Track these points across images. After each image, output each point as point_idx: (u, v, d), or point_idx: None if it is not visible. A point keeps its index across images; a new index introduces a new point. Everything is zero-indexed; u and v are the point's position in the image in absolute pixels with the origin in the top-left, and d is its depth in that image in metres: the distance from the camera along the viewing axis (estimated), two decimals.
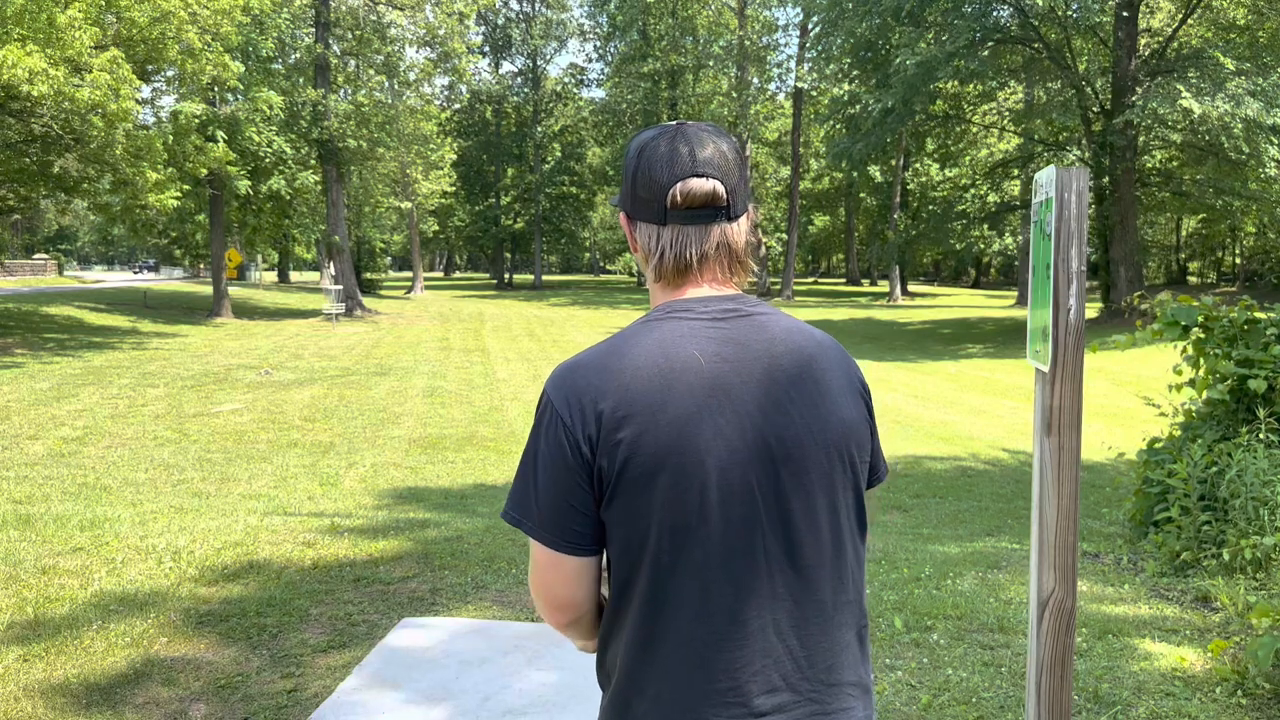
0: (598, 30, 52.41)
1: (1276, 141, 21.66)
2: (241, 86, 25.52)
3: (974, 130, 34.61)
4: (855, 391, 1.31)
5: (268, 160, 28.05)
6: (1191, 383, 5.41)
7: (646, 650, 1.22)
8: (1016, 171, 33.82)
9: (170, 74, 23.62)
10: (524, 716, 3.06)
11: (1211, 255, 54.18)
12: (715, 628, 1.20)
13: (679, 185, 1.26)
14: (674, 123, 1.33)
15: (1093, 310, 25.52)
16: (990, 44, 24.41)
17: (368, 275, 43.11)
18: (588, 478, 1.20)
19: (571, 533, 1.22)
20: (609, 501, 1.20)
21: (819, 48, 30.02)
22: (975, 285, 60.76)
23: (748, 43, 43.12)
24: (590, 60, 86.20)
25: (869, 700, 1.30)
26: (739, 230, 1.31)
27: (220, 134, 25.43)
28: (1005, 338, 25.31)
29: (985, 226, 35.33)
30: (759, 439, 1.20)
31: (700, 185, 1.26)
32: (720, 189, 1.27)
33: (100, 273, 76.03)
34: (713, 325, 1.24)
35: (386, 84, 33.64)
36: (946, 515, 7.17)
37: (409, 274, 62.93)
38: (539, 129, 54.37)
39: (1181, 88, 20.79)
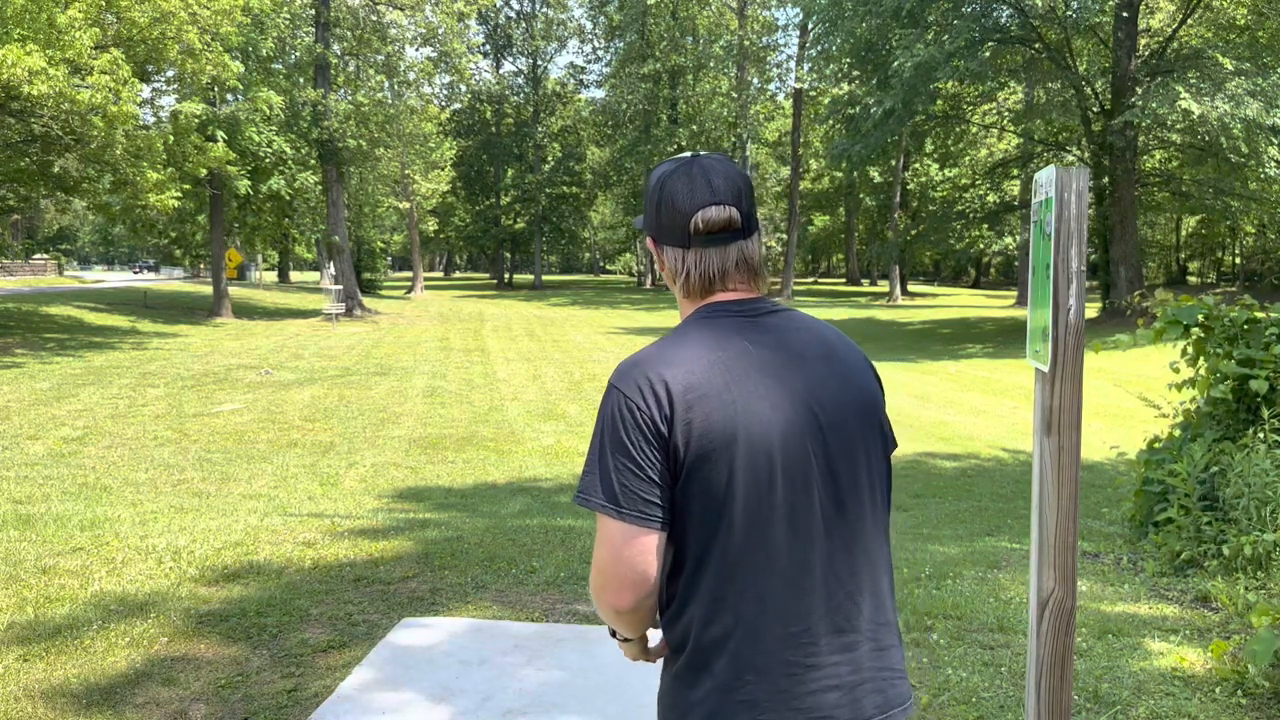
0: (598, 30, 52.43)
1: (1276, 141, 21.65)
2: (241, 86, 25.52)
3: (974, 130, 34.59)
4: (870, 369, 1.52)
5: (268, 160, 28.04)
6: (1191, 382, 5.40)
7: (725, 608, 1.34)
8: (1016, 171, 33.81)
9: (170, 74, 23.63)
10: (524, 716, 3.06)
11: (1211, 255, 54.18)
12: (790, 579, 1.34)
13: (700, 214, 1.43)
14: (689, 154, 1.48)
15: (1093, 310, 25.51)
16: (990, 44, 24.39)
17: (367, 275, 43.10)
18: (664, 455, 1.32)
19: (652, 507, 1.32)
20: (685, 475, 1.32)
21: (819, 48, 30.00)
22: (975, 285, 60.75)
23: (748, 43, 43.15)
24: (590, 60, 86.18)
25: (900, 638, 1.49)
26: (754, 245, 1.48)
27: (220, 134, 25.42)
28: (1005, 338, 25.31)
29: (985, 226, 35.31)
30: (808, 411, 1.38)
31: (718, 213, 1.43)
32: (735, 214, 1.44)
33: (100, 273, 75.85)
34: (750, 320, 1.42)
35: (386, 84, 33.64)
36: (946, 515, 7.17)
37: (409, 274, 62.89)
38: (539, 129, 54.36)
39: (1181, 88, 20.76)
